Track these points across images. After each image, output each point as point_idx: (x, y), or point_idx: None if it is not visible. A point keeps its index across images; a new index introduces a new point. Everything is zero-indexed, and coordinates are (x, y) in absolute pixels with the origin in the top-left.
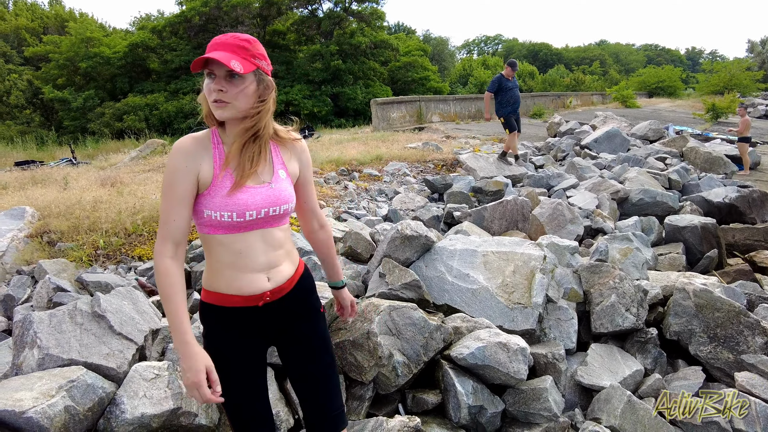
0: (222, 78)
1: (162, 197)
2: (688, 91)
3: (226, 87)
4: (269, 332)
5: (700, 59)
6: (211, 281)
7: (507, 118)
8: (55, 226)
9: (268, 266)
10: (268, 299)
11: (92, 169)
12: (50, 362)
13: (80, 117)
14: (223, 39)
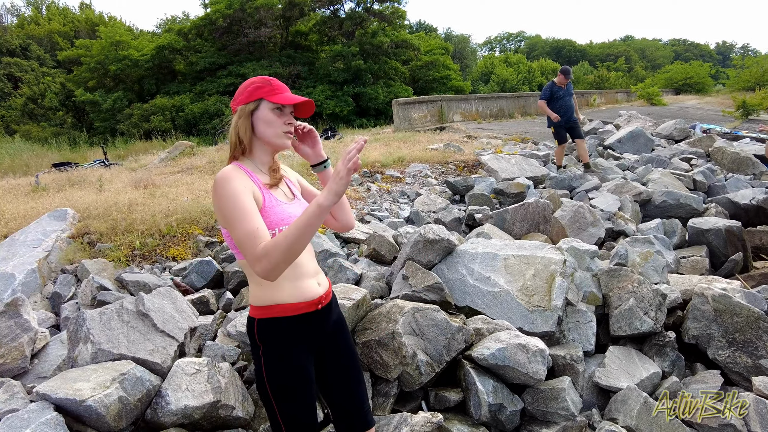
0: (289, 114)
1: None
2: (717, 87)
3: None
4: (318, 340)
5: (730, 54)
6: (269, 297)
7: (557, 129)
8: (94, 228)
9: (315, 272)
10: (323, 302)
11: (124, 170)
12: (102, 356)
13: (110, 118)
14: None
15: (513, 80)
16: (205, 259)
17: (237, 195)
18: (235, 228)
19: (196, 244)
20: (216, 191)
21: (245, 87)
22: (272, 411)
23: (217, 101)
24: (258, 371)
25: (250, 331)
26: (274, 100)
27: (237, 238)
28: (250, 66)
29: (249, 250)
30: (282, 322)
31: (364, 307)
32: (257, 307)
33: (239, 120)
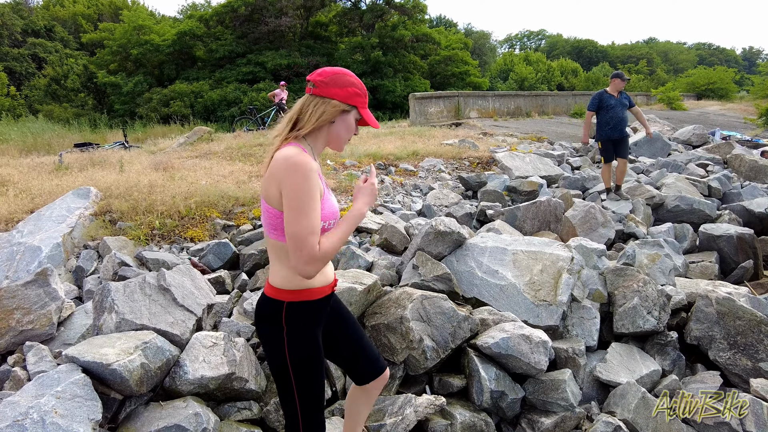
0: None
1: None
2: (741, 93)
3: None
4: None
5: (757, 60)
6: (301, 282)
7: (603, 144)
8: (116, 207)
9: None
10: (336, 282)
11: (143, 153)
12: (125, 326)
13: (130, 101)
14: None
15: (532, 79)
16: (223, 241)
17: (313, 188)
18: (299, 220)
19: (213, 226)
20: (296, 176)
21: (344, 83)
22: (289, 388)
23: (235, 89)
24: (277, 351)
25: (275, 312)
26: (364, 115)
27: (297, 230)
28: (269, 55)
29: (307, 247)
30: (311, 304)
31: (374, 293)
32: (287, 291)
33: (327, 108)
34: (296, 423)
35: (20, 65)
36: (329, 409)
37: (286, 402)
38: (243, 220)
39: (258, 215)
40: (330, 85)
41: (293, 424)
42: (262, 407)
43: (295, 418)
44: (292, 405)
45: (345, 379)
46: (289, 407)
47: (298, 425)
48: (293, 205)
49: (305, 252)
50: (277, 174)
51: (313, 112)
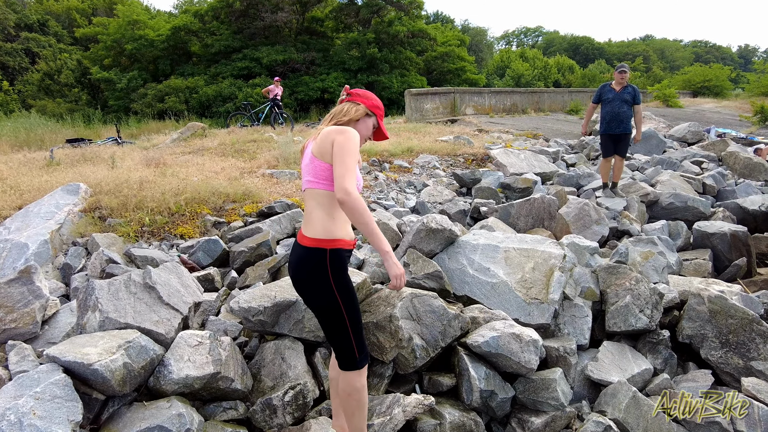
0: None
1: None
2: (736, 91)
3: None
4: None
5: (753, 58)
6: (335, 232)
7: (601, 138)
8: (105, 203)
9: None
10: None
11: (136, 149)
12: (109, 324)
13: (124, 97)
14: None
15: (528, 75)
16: (212, 238)
17: (356, 145)
18: (345, 161)
19: (204, 223)
20: (348, 137)
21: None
22: (341, 321)
23: (230, 84)
24: (325, 291)
25: (320, 259)
26: (381, 125)
27: (343, 169)
28: (265, 50)
29: (349, 180)
30: (345, 252)
31: (363, 291)
32: (328, 240)
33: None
34: (351, 349)
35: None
36: (317, 409)
37: (338, 334)
38: (234, 216)
39: (249, 211)
40: (360, 96)
41: (347, 350)
42: (248, 407)
43: (349, 345)
44: (345, 335)
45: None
46: (341, 338)
47: (353, 350)
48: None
49: (346, 182)
50: (331, 134)
51: (348, 110)
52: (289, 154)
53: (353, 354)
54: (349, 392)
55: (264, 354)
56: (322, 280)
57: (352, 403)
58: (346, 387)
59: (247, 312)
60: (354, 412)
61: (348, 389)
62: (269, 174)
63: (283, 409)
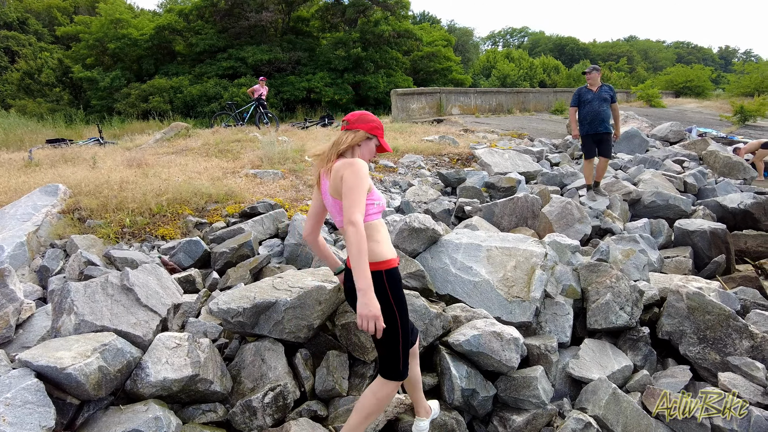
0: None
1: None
2: (717, 91)
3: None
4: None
5: (733, 59)
6: (384, 254)
7: (583, 139)
8: (85, 204)
9: None
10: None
11: (118, 149)
12: (85, 327)
13: (107, 97)
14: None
15: (514, 76)
16: (194, 239)
17: (364, 176)
18: (352, 194)
19: (185, 224)
20: (354, 170)
21: (370, 120)
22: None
23: (215, 84)
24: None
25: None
26: (382, 143)
27: (350, 201)
28: (250, 50)
29: (355, 212)
30: (397, 269)
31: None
32: (381, 262)
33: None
34: (398, 361)
35: None
36: (297, 410)
37: (390, 348)
38: (216, 217)
39: (231, 212)
40: (358, 123)
41: (394, 362)
42: (227, 409)
43: (396, 357)
44: (395, 348)
45: (313, 379)
46: (392, 351)
47: (399, 362)
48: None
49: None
50: (340, 170)
51: (346, 138)
52: (273, 154)
53: (398, 366)
54: (378, 396)
55: (244, 355)
56: (383, 300)
57: (369, 405)
58: (378, 389)
59: (227, 313)
60: (367, 413)
61: (377, 390)
62: (253, 174)
63: (263, 410)
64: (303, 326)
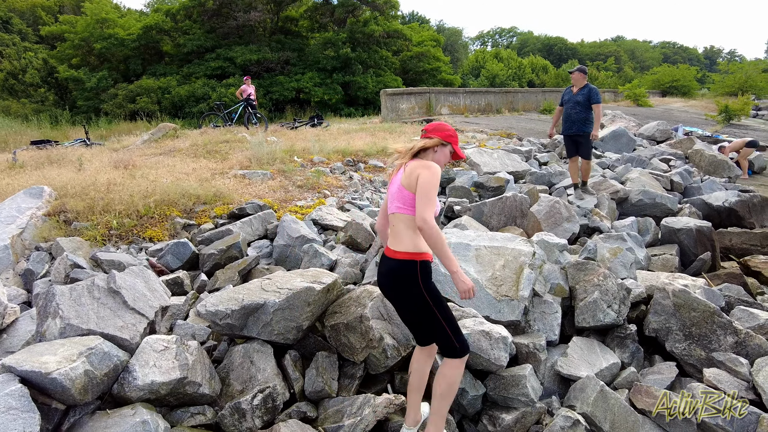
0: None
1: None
2: (703, 91)
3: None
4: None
5: (717, 59)
6: (422, 247)
7: (563, 139)
8: (71, 206)
9: None
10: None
11: (105, 150)
12: (71, 331)
13: (94, 97)
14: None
15: (503, 75)
16: (182, 241)
17: (438, 180)
18: (427, 194)
19: (173, 225)
20: (432, 173)
21: (446, 129)
22: (436, 320)
23: (204, 84)
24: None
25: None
26: (456, 150)
27: (425, 200)
28: (239, 50)
29: (428, 211)
30: (430, 263)
31: (334, 292)
32: (417, 253)
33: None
34: (449, 339)
35: None
36: (287, 412)
37: (436, 332)
38: (204, 218)
39: (219, 213)
40: (435, 131)
41: (447, 342)
42: (216, 412)
43: (447, 337)
44: (441, 329)
45: (303, 380)
46: (439, 333)
47: (452, 340)
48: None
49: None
50: (417, 168)
51: (426, 143)
52: (261, 154)
53: (453, 344)
54: (448, 375)
55: (232, 357)
56: (414, 287)
57: (444, 386)
58: (446, 371)
59: (215, 315)
60: (444, 395)
61: (446, 372)
62: (241, 175)
63: (252, 412)
64: (292, 328)
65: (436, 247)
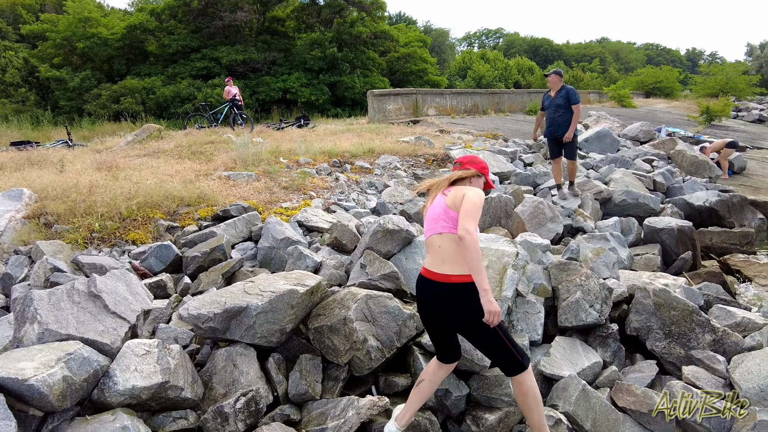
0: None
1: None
2: (685, 92)
3: None
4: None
5: (699, 60)
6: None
7: (547, 141)
8: (51, 209)
9: None
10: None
11: (88, 151)
12: (49, 337)
13: (76, 97)
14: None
15: (489, 77)
16: (165, 243)
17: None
18: (470, 209)
19: (156, 228)
20: (477, 193)
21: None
22: (497, 337)
23: (189, 85)
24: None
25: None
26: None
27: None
28: (225, 50)
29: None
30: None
31: (318, 294)
32: (467, 275)
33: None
34: (513, 356)
35: None
36: (270, 415)
37: (498, 350)
38: (188, 221)
39: (203, 215)
40: (471, 163)
41: (511, 359)
42: (199, 415)
43: (510, 354)
44: (504, 348)
45: (286, 383)
46: (502, 351)
47: (515, 356)
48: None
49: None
50: (463, 189)
51: (463, 174)
52: (247, 155)
53: (516, 360)
54: (525, 392)
55: (215, 361)
56: (476, 308)
57: (530, 401)
58: (521, 389)
59: (197, 319)
60: (533, 407)
61: (523, 390)
62: (226, 176)
63: (234, 416)
64: (275, 330)
65: (473, 260)
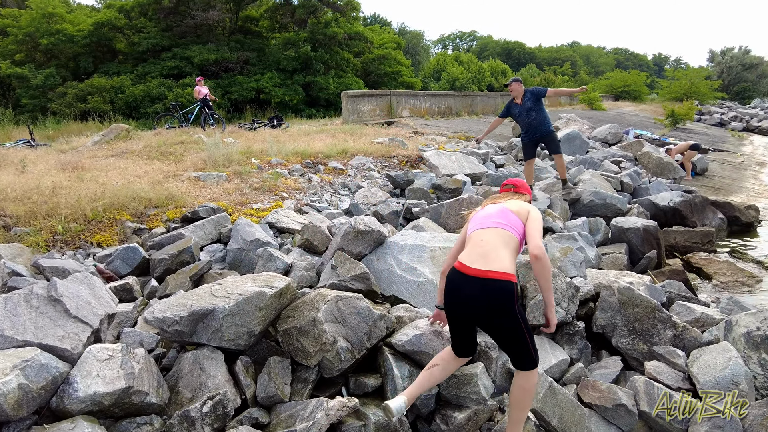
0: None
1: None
2: (652, 96)
3: None
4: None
5: (665, 65)
6: (515, 269)
7: (523, 144)
8: (11, 211)
9: None
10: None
11: (52, 152)
12: (4, 343)
13: (40, 96)
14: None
15: (463, 79)
16: (131, 246)
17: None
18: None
19: (123, 230)
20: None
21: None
22: (524, 337)
23: (159, 84)
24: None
25: (512, 290)
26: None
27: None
28: (196, 49)
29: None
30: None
31: (287, 296)
32: (513, 274)
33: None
34: (529, 353)
35: None
36: (238, 419)
37: (520, 346)
38: (156, 222)
39: (172, 217)
40: (522, 188)
41: (527, 355)
42: (165, 420)
43: (528, 351)
44: (525, 345)
45: (255, 386)
46: (523, 348)
47: (531, 353)
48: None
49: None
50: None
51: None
52: (217, 156)
53: (532, 356)
54: (527, 387)
55: (182, 365)
56: (511, 307)
57: (526, 396)
58: (524, 383)
59: (163, 322)
60: (526, 404)
61: (526, 384)
62: (195, 177)
63: (201, 420)
64: (243, 333)
65: (544, 278)
